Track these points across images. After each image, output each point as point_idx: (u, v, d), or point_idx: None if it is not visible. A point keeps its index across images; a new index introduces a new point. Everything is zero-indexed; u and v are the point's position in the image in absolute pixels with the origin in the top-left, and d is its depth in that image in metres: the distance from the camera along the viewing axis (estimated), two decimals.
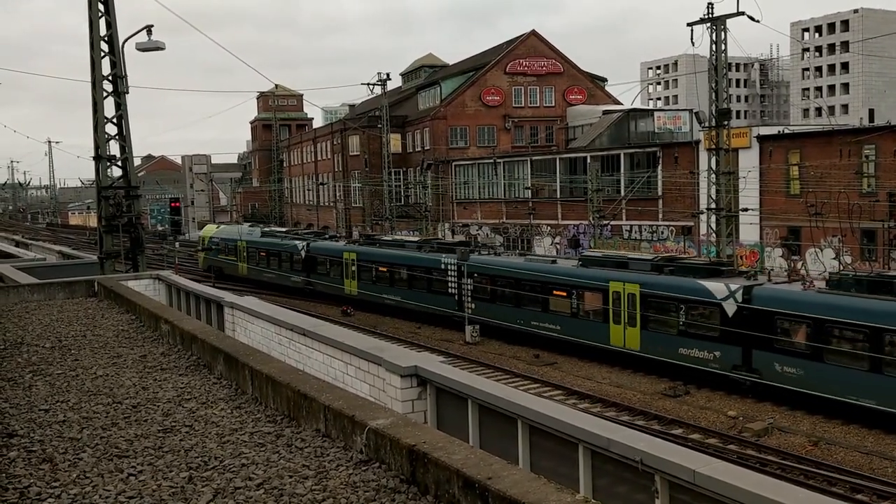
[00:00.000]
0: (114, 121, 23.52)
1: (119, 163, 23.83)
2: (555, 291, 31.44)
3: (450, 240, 45.92)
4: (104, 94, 23.12)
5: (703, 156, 42.71)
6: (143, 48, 23.65)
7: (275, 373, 8.90)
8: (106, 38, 22.91)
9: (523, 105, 69.98)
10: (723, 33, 36.73)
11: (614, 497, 6.85)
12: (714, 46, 36.93)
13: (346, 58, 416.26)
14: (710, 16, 36.69)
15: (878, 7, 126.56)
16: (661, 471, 6.12)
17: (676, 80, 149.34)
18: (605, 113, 64.72)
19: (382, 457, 6.73)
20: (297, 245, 48.49)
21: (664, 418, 23.38)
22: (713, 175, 37.39)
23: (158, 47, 23.74)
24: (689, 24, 36.86)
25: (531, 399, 8.21)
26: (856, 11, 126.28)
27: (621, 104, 70.13)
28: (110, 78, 23.20)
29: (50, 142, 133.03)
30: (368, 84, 63.16)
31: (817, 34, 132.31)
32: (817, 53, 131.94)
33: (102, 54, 22.94)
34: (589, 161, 52.51)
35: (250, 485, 6.55)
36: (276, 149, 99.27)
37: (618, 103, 70.91)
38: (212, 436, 7.91)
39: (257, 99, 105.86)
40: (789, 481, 16.17)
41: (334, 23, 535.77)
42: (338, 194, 78.01)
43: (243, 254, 54.28)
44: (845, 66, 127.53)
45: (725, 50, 36.91)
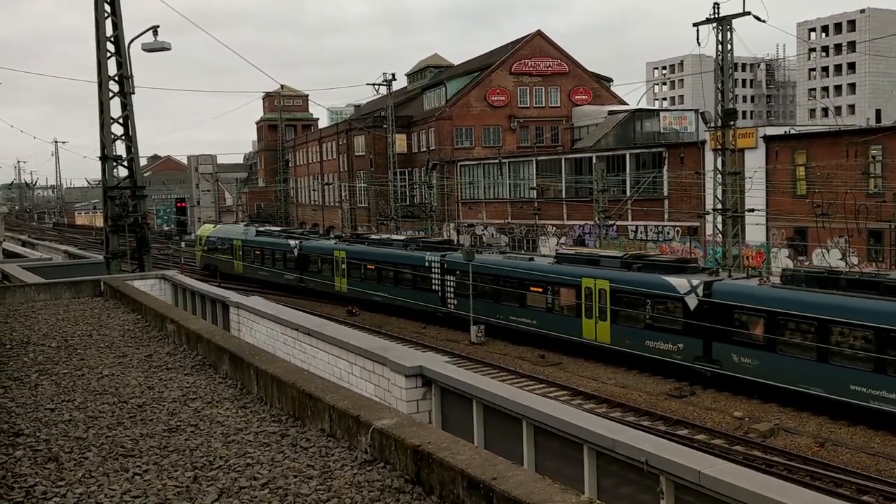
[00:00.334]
0: (120, 121, 23.60)
1: (125, 163, 23.92)
2: (532, 288, 32.53)
3: (434, 239, 46.67)
4: (110, 95, 23.19)
5: (708, 156, 42.60)
6: (149, 49, 23.71)
7: (280, 373, 8.90)
8: (112, 39, 22.98)
9: (529, 105, 69.92)
10: (729, 33, 36.70)
11: (619, 498, 6.84)
12: (720, 46, 36.89)
13: (348, 58, 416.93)
14: (716, 16, 36.65)
15: (885, 7, 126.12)
16: (667, 472, 6.11)
17: (682, 80, 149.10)
18: (611, 113, 64.59)
19: (387, 457, 6.73)
20: (291, 244, 49.64)
21: (669, 419, 23.36)
22: (719, 175, 37.34)
23: (164, 48, 23.81)
24: (695, 25, 36.87)
25: (536, 399, 8.20)
26: (862, 11, 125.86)
27: (627, 104, 69.97)
28: (116, 78, 23.26)
29: (56, 142, 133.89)
30: (374, 84, 63.29)
31: (824, 34, 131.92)
32: (824, 53, 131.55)
33: (108, 55, 23.02)
34: (594, 161, 52.47)
35: (255, 484, 6.55)
36: (282, 149, 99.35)
37: (623, 103, 70.73)
38: (217, 435, 7.92)
39: (263, 99, 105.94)
40: (795, 482, 16.12)
41: (335, 23, 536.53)
42: (343, 194, 78.07)
43: (239, 252, 55.23)
44: (852, 66, 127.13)
45: (731, 50, 36.87)
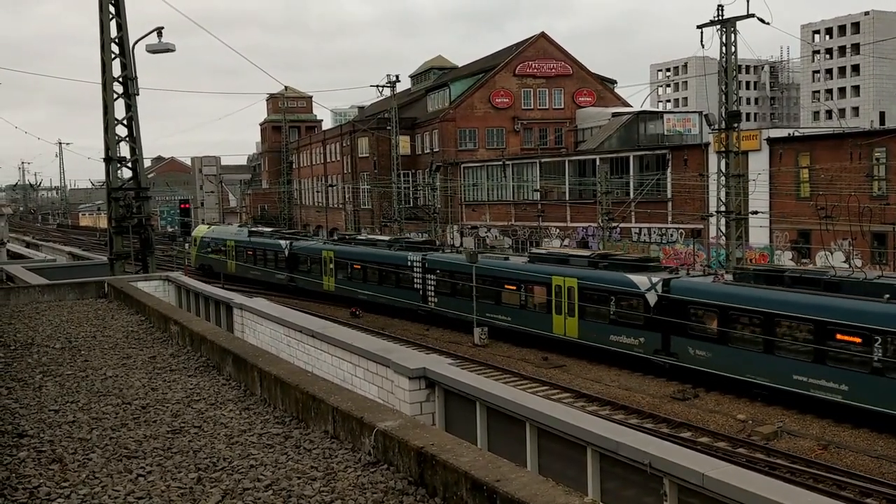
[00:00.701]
0: (124, 122, 23.61)
1: (129, 164, 23.92)
2: (506, 286, 33.97)
3: (417, 239, 48.01)
4: (114, 96, 23.20)
5: (712, 158, 42.58)
6: (153, 50, 23.75)
7: (283, 374, 8.90)
8: (116, 41, 22.99)
9: (532, 107, 69.89)
10: (733, 35, 36.66)
11: (623, 500, 6.83)
12: (724, 49, 36.86)
13: (353, 60, 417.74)
14: (720, 18, 36.61)
15: (890, 10, 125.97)
16: (670, 474, 6.11)
17: (686, 82, 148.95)
18: (615, 115, 64.57)
19: (391, 458, 6.73)
20: (281, 244, 50.97)
21: (673, 421, 23.35)
22: (723, 177, 37.30)
23: (169, 49, 23.84)
24: (699, 27, 36.81)
25: (539, 401, 8.20)
26: (866, 14, 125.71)
27: (630, 106, 69.94)
28: (121, 80, 23.27)
29: (60, 143, 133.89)
30: (378, 86, 63.37)
31: (828, 36, 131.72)
32: (828, 56, 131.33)
33: (113, 56, 23.02)
34: (598, 163, 52.45)
35: (259, 486, 6.56)
36: (286, 150, 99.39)
37: (627, 105, 70.72)
38: (220, 437, 7.92)
39: (267, 101, 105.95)
40: (798, 485, 16.09)
41: (340, 25, 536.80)
42: (347, 196, 78.10)
43: (232, 252, 56.44)
44: (856, 68, 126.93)
45: (735, 52, 36.83)
